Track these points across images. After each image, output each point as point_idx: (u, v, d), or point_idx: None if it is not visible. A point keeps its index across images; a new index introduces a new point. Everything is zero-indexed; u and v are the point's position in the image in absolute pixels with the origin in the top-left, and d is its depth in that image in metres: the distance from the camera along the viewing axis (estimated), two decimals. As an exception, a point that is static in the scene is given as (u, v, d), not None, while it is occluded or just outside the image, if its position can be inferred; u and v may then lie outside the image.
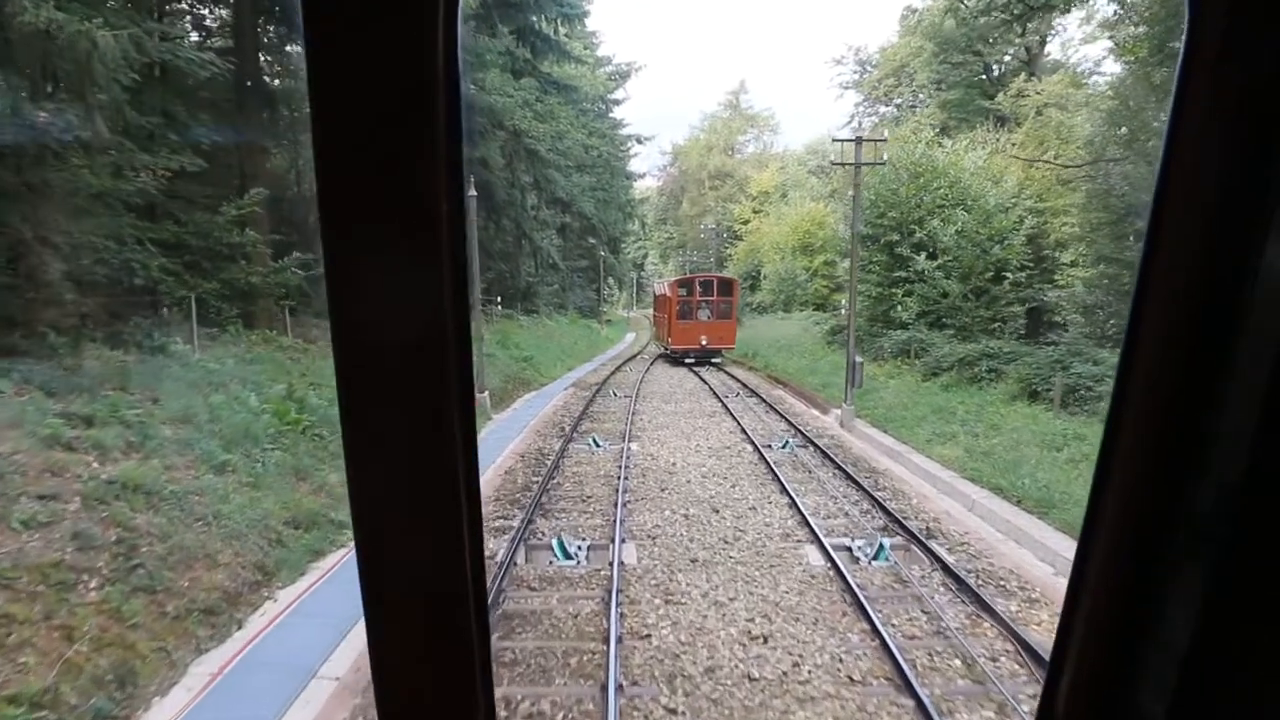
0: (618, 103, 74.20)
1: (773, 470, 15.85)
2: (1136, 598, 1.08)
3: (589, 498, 14.12)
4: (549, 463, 16.42)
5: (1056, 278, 31.42)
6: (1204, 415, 0.99)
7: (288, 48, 28.34)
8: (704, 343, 38.88)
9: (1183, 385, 0.99)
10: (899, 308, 33.09)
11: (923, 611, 9.25)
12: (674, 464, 16.81)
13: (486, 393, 23.56)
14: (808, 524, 12.28)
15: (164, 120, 18.27)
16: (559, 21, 43.97)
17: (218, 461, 11.62)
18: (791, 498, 13.77)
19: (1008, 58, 47.77)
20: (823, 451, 17.97)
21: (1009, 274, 31.15)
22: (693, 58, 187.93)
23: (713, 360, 39.34)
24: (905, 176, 34.40)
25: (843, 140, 25.84)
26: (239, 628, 8.89)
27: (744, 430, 20.58)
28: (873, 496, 13.99)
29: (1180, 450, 1.01)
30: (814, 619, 8.98)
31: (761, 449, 18.05)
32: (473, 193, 24.74)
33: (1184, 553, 1.03)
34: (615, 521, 12.34)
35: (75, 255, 14.84)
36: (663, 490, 14.59)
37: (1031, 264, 32.06)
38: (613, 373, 35.36)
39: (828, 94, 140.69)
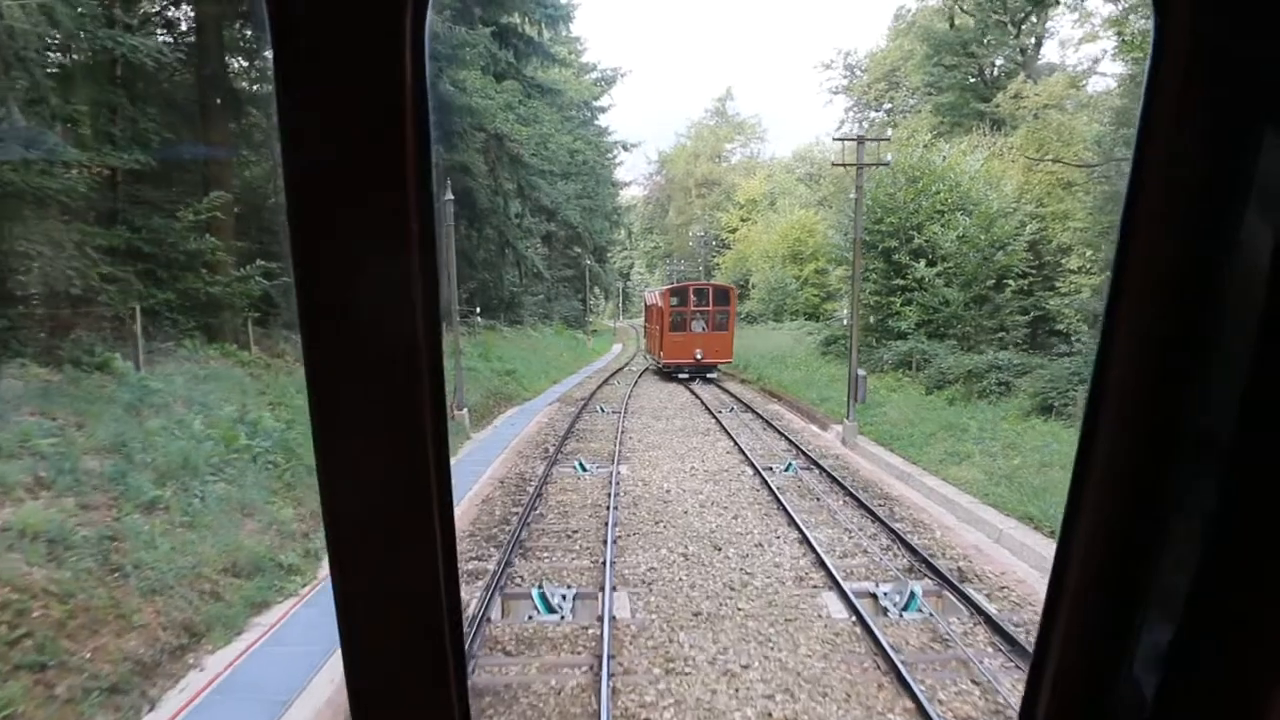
0: (603, 110, 73.03)
1: (777, 497, 14.38)
2: (1117, 596, 1.07)
3: (575, 533, 12.59)
4: (531, 490, 14.90)
5: (1058, 284, 30.07)
6: (1180, 414, 0.98)
7: (267, 52, 26.76)
8: (699, 356, 36.29)
9: (1158, 383, 0.99)
10: (898, 317, 31.75)
11: (973, 681, 7.76)
12: (668, 490, 15.31)
13: (465, 410, 22.02)
14: (823, 564, 10.81)
15: (102, 113, 16.74)
16: (543, 24, 42.64)
17: (146, 498, 10.06)
18: (801, 531, 12.30)
19: (1000, 60, 46.64)
20: (829, 474, 16.52)
21: (1010, 281, 29.86)
22: (679, 65, 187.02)
23: (708, 375, 36.90)
24: (903, 180, 33.06)
25: (844, 139, 24.49)
26: (151, 709, 7.35)
27: (741, 450, 19.12)
28: (891, 529, 12.54)
29: (1158, 448, 1.01)
30: (845, 693, 7.48)
31: (762, 471, 16.61)
32: (449, 197, 23.27)
33: (1163, 551, 1.03)
34: (605, 563, 10.81)
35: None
36: (657, 523, 13.09)
37: (1033, 271, 30.79)
38: (599, 386, 33.86)
39: (815, 101, 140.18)
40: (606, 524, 12.74)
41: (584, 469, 17.05)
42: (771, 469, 17.09)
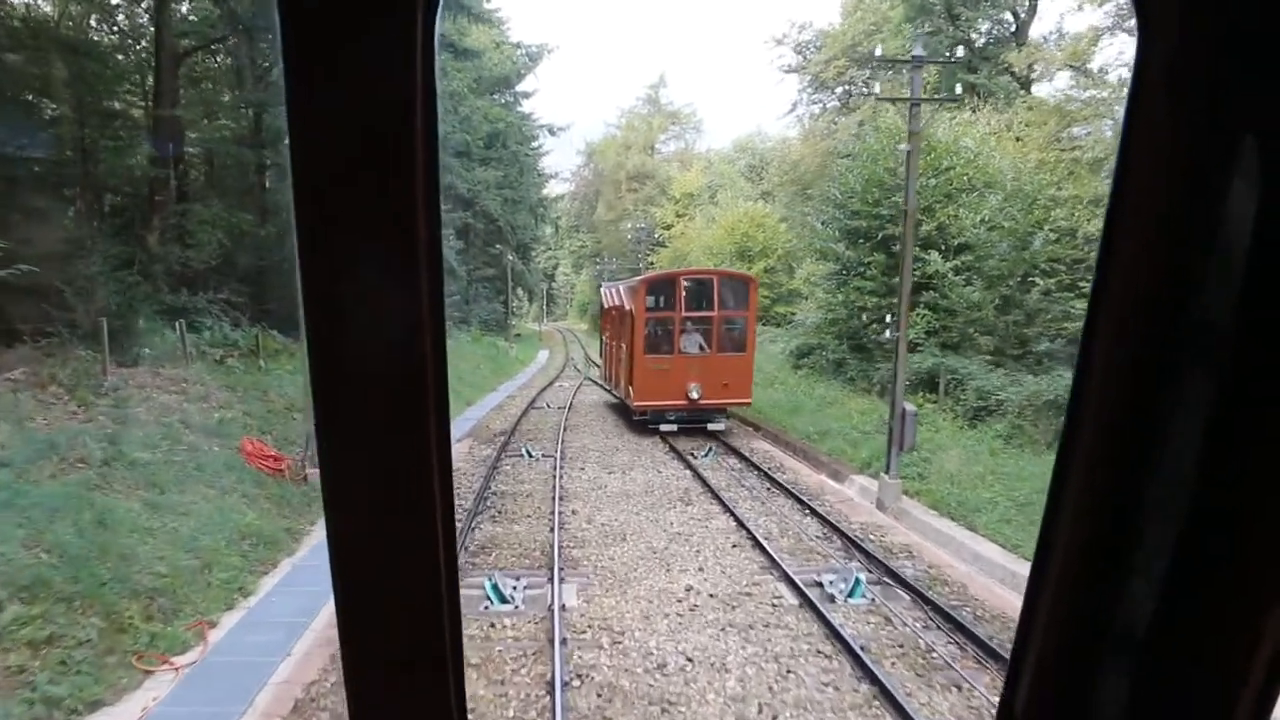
0: (527, 95, 65.49)
1: (885, 691, 7.32)
2: (1093, 596, 1.07)
3: None
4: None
5: (1085, 284, 23.65)
6: (1158, 418, 0.98)
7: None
8: (695, 396, 21.41)
9: (1138, 388, 0.99)
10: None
11: None
12: (663, 663, 8.02)
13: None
14: None
15: None
16: (454, -35, 35.07)
17: None
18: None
19: (986, 25, 40.67)
20: (928, 601, 9.56)
21: (1038, 279, 23.38)
22: (608, 50, 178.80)
23: (711, 425, 21.91)
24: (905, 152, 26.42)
25: (892, 60, 17.21)
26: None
27: (752, 535, 12.03)
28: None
29: (1138, 444, 1.00)
30: None
31: (808, 591, 9.60)
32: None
33: (1140, 554, 1.02)
34: None
35: None
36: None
37: (1063, 267, 24.34)
38: (525, 410, 26.35)
39: (754, 90, 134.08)
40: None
41: (501, 598, 9.65)
42: (823, 586, 10.00)
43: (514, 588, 9.89)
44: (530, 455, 18.59)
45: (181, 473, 11.61)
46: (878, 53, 24.03)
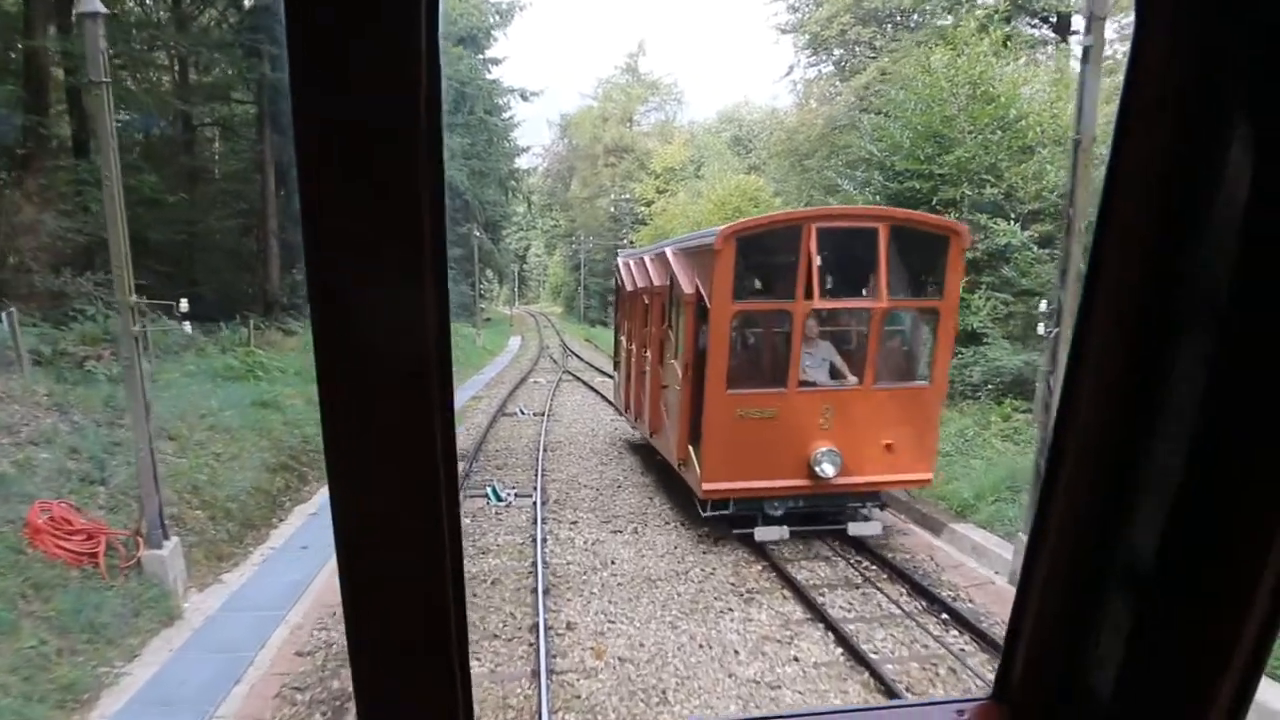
0: (496, 62, 60.11)
1: None
2: (1085, 576, 1.09)
3: None
4: None
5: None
6: (1150, 402, 0.99)
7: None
8: (829, 471, 10.17)
9: (1132, 368, 1.00)
10: (963, 308, 20.02)
11: None
12: None
13: (172, 544, 9.26)
14: None
15: None
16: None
17: None
18: None
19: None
20: None
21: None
22: (582, 17, 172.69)
23: (854, 528, 10.70)
24: (964, 98, 21.37)
25: None
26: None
27: (877, 676, 7.02)
28: None
29: (1129, 432, 1.02)
30: None
31: None
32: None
33: (1133, 528, 1.03)
34: None
35: None
36: None
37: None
38: (493, 419, 21.01)
39: (740, 61, 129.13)
40: None
41: None
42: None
43: None
44: (498, 499, 13.27)
45: None
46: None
